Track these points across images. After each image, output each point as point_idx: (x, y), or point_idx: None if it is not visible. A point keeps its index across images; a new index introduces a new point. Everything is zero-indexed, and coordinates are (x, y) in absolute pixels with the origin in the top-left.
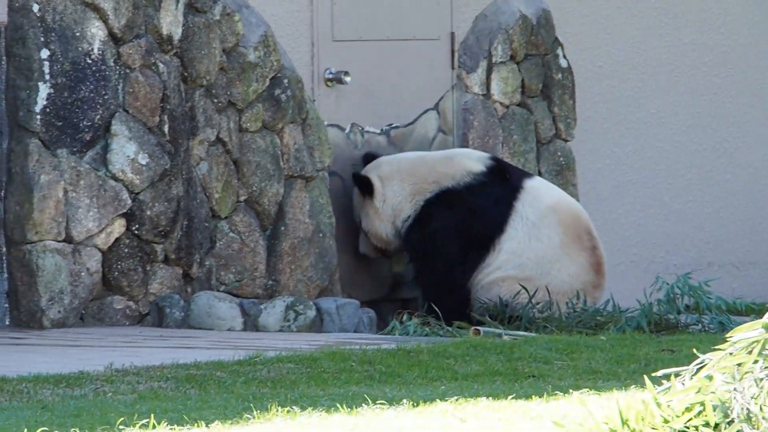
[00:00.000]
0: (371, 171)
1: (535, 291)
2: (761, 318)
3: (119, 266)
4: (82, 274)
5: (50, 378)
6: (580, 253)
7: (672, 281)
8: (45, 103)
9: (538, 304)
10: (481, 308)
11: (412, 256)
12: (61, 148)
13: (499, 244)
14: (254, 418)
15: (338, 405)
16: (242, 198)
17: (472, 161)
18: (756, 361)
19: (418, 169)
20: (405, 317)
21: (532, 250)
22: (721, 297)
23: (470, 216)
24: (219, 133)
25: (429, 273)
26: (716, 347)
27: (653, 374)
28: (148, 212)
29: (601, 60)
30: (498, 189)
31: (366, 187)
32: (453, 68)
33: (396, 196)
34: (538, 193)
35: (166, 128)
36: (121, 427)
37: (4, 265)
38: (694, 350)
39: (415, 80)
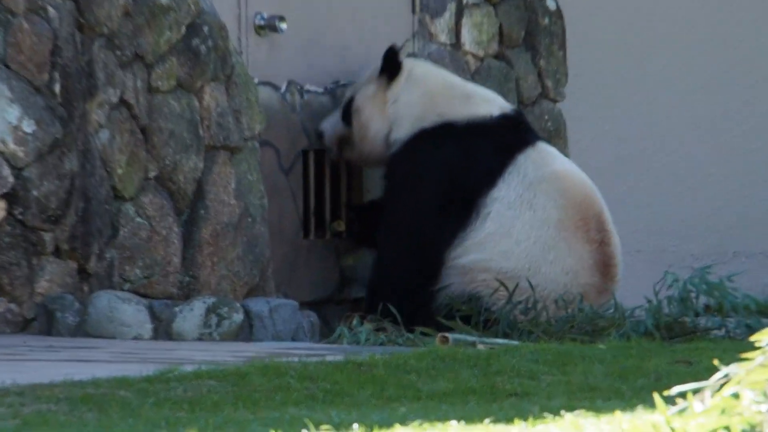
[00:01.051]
0: (405, 59)
1: (515, 286)
2: None
3: None
4: None
5: None
6: (582, 244)
7: (687, 275)
8: None
9: (520, 303)
10: (449, 307)
11: (384, 198)
12: None
13: (486, 207)
14: None
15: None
16: (152, 174)
17: (488, 103)
18: None
19: (438, 93)
20: (356, 322)
21: (521, 221)
22: (749, 294)
23: (462, 160)
24: (123, 93)
25: (394, 225)
26: (744, 357)
27: (665, 392)
28: (35, 192)
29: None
30: (504, 136)
31: (393, 67)
32: (414, 12)
33: (407, 106)
34: (549, 155)
35: (57, 87)
36: None
37: None
38: (716, 361)
39: (367, 27)
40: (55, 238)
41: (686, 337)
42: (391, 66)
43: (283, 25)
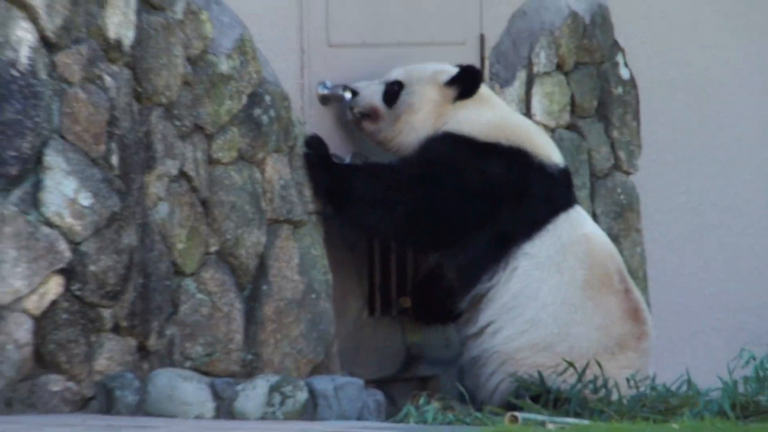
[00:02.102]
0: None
1: (586, 365)
2: None
3: (56, 337)
4: (9, 347)
5: None
6: (608, 297)
7: (763, 353)
8: None
9: (590, 381)
10: (517, 388)
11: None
12: None
13: (515, 260)
14: None
15: None
16: (213, 249)
17: (554, 152)
18: None
19: (509, 123)
20: (422, 400)
21: (548, 285)
22: None
23: (514, 195)
24: (183, 165)
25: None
26: None
27: None
28: (93, 268)
29: (673, 69)
30: (557, 189)
31: (470, 87)
32: (483, 80)
33: (470, 123)
34: (583, 218)
35: (114, 159)
36: None
37: None
38: None
39: None
40: (114, 315)
41: (761, 416)
42: (469, 85)
43: (348, 95)
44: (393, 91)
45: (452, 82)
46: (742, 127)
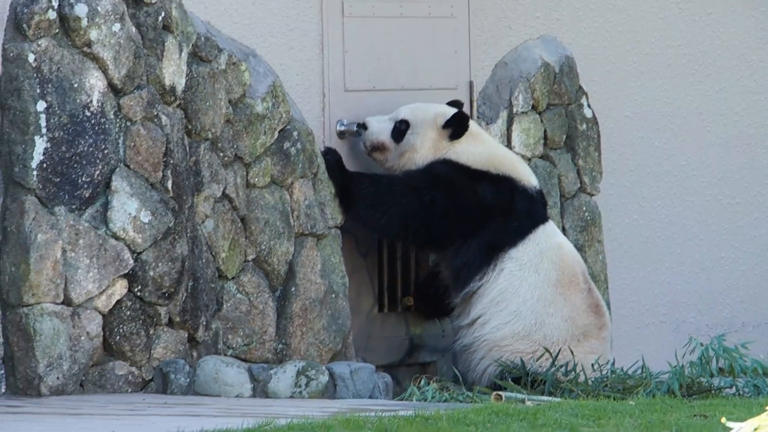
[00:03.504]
0: (471, 122)
1: (558, 352)
2: None
3: (121, 330)
4: (82, 338)
5: None
6: (575, 294)
7: (705, 342)
8: (42, 158)
9: (561, 366)
10: (502, 371)
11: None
12: (58, 205)
13: (502, 262)
14: None
15: None
16: (250, 257)
17: (533, 177)
18: None
19: (497, 154)
20: (423, 382)
21: (528, 284)
22: (756, 359)
23: (504, 210)
24: (225, 188)
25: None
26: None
27: None
28: (151, 273)
29: (627, 109)
30: (536, 206)
31: (460, 129)
32: (472, 119)
33: (466, 154)
34: (555, 230)
35: (169, 184)
36: None
37: (0, 329)
38: (723, 420)
39: None
40: (169, 312)
41: (703, 395)
42: (459, 128)
43: (361, 130)
44: (400, 130)
45: (447, 125)
46: (685, 156)
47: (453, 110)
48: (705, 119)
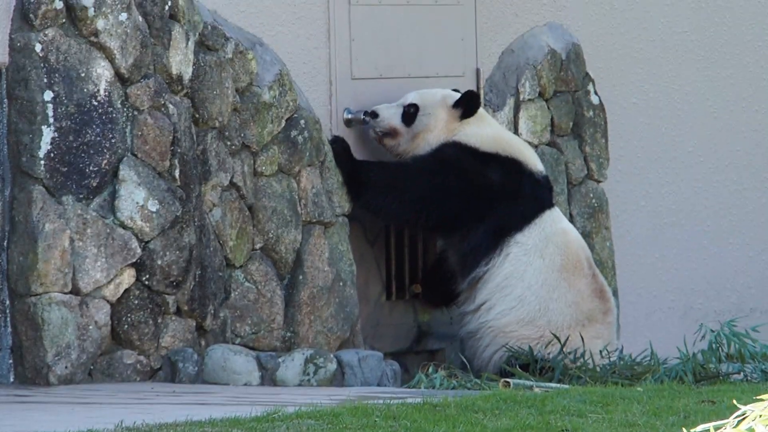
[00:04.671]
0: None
1: (566, 339)
2: None
3: (129, 319)
4: (90, 327)
5: None
6: (579, 279)
7: (713, 329)
8: (49, 147)
9: (570, 353)
10: (509, 358)
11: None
12: (66, 195)
13: (508, 247)
14: None
15: None
16: (258, 245)
17: (539, 163)
18: None
19: (505, 137)
20: (431, 369)
21: (533, 269)
22: (765, 344)
23: (510, 194)
24: (233, 177)
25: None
26: (758, 398)
27: (693, 428)
28: (159, 261)
29: (634, 96)
30: (543, 192)
31: (471, 109)
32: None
33: (476, 136)
34: (560, 216)
35: (176, 173)
36: None
37: (8, 318)
38: (734, 401)
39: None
40: (177, 301)
41: (711, 381)
42: (471, 106)
43: (368, 118)
44: (410, 113)
45: (457, 104)
46: (692, 142)
47: (458, 93)
48: (712, 105)
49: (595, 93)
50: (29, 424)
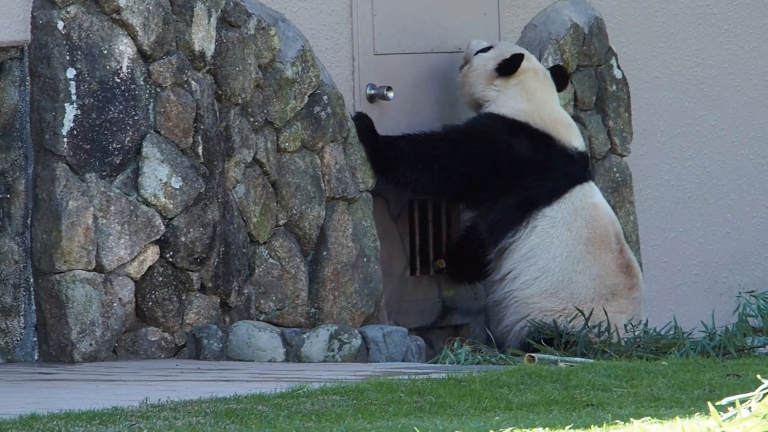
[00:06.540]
0: (527, 59)
1: (591, 312)
2: None
3: (153, 296)
4: (114, 304)
5: (82, 415)
6: (605, 253)
7: (741, 302)
8: (72, 125)
9: (594, 327)
10: (534, 332)
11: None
12: (89, 172)
13: (535, 220)
14: None
15: None
16: (282, 222)
17: (577, 138)
18: None
19: (546, 105)
20: (456, 344)
21: (559, 241)
22: None
23: (538, 169)
24: (256, 153)
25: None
26: None
27: (718, 401)
28: (183, 238)
29: (657, 70)
30: (575, 167)
31: (511, 68)
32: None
33: (514, 97)
34: (594, 191)
35: (200, 149)
36: None
37: (32, 296)
38: (759, 375)
39: (461, 100)
40: (201, 277)
41: (736, 355)
42: (508, 65)
43: (390, 94)
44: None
45: (503, 62)
46: (714, 117)
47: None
48: (735, 79)
49: (618, 67)
50: (54, 401)
